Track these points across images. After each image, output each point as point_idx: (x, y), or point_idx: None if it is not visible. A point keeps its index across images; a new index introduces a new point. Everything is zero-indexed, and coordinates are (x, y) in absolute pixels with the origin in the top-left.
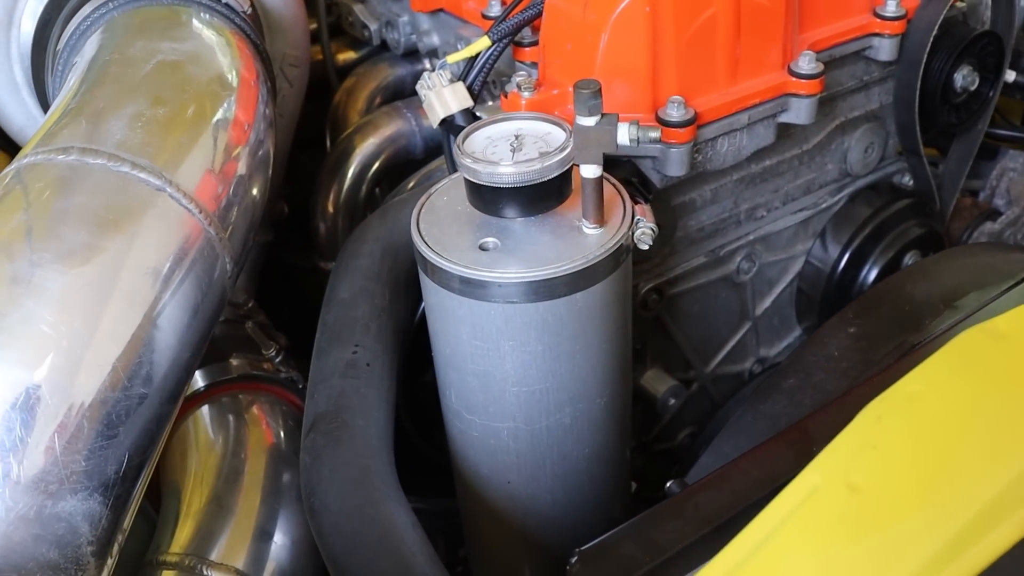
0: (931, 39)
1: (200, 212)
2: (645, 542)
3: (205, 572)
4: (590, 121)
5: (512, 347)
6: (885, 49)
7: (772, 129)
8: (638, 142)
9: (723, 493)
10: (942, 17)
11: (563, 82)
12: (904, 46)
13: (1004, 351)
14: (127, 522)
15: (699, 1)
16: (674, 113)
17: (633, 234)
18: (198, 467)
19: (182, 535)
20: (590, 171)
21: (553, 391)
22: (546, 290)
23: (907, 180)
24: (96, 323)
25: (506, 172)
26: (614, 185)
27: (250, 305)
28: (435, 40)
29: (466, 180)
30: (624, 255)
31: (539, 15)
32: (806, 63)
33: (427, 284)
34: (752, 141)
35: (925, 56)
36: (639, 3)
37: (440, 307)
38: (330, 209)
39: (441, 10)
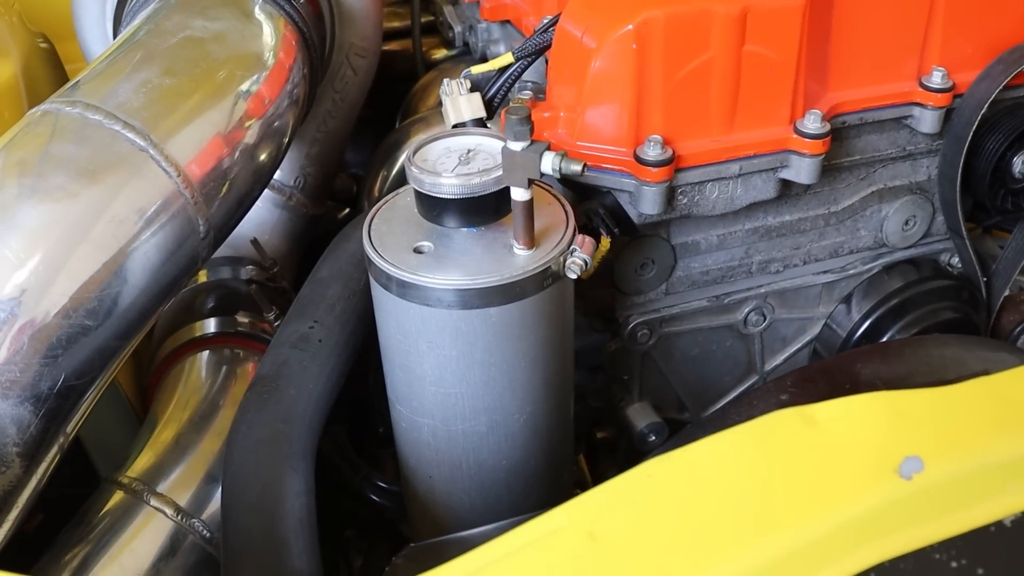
0: (979, 117)
1: (179, 176)
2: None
3: (146, 499)
4: (517, 146)
5: (429, 348)
6: (927, 121)
7: (772, 183)
8: (560, 172)
9: None
10: (993, 96)
11: (557, 105)
12: (951, 120)
13: (809, 437)
14: (67, 431)
15: (693, 46)
16: (650, 152)
17: (564, 262)
18: (178, 405)
19: (140, 462)
20: (518, 194)
21: (468, 397)
22: (460, 299)
23: (956, 261)
24: (57, 257)
25: (444, 183)
26: (565, 212)
27: (275, 269)
28: (501, 49)
29: (412, 187)
30: (550, 280)
31: None
32: (811, 122)
33: (370, 276)
34: (747, 192)
35: (971, 134)
36: (626, 39)
37: (375, 300)
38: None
39: (508, 21)
